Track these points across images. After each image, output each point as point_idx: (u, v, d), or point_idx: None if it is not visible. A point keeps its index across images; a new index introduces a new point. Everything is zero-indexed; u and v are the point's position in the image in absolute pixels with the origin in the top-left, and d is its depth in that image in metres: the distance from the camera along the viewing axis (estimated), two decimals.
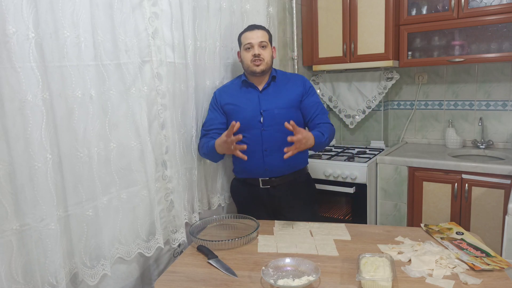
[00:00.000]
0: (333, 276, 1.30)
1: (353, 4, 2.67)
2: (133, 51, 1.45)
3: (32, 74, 1.12)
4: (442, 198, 2.42)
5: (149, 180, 1.55)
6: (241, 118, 1.79)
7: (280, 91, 1.89)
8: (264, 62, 1.83)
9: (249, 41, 1.82)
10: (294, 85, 1.91)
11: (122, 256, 1.48)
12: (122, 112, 1.44)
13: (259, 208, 1.92)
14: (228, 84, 1.97)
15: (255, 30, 1.84)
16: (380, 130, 3.03)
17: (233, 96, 1.90)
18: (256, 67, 1.82)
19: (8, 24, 1.06)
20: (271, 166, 1.86)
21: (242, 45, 1.86)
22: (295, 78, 1.96)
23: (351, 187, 2.50)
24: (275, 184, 1.89)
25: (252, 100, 1.87)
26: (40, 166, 1.14)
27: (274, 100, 1.86)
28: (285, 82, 1.92)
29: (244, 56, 1.85)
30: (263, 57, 1.82)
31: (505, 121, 2.69)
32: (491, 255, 1.37)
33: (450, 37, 2.61)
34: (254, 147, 1.83)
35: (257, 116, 1.85)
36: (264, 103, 1.86)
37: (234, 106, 1.88)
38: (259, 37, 1.82)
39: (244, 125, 1.80)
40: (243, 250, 1.54)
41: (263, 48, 1.83)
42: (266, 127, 1.84)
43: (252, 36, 1.83)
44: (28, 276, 1.16)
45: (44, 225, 1.16)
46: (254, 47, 1.82)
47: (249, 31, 1.85)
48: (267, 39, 1.85)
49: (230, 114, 1.88)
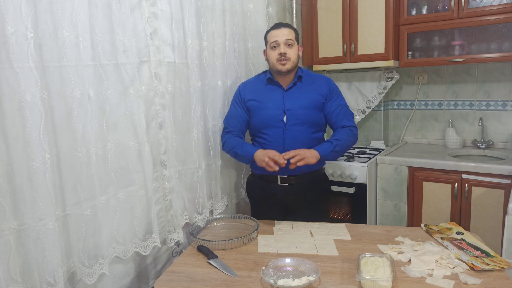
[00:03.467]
0: (333, 276, 1.30)
1: (353, 4, 2.67)
2: (131, 51, 1.45)
3: (31, 74, 1.12)
4: (442, 198, 2.41)
5: (147, 180, 1.55)
6: (263, 115, 1.85)
7: (304, 92, 1.87)
8: (290, 61, 1.81)
9: (275, 39, 1.81)
10: (319, 86, 1.88)
11: (119, 255, 1.48)
12: (120, 112, 1.44)
13: (273, 205, 1.91)
14: (252, 80, 1.97)
15: (281, 28, 1.82)
16: (380, 130, 3.03)
17: (257, 92, 1.89)
18: (281, 66, 1.81)
19: (7, 24, 1.05)
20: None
21: (268, 44, 1.85)
22: (320, 79, 1.93)
23: (351, 187, 2.50)
24: (293, 182, 1.89)
25: (276, 98, 1.86)
26: (38, 166, 1.14)
27: (298, 100, 1.85)
28: (310, 82, 1.90)
29: (270, 55, 1.84)
30: (289, 56, 1.80)
31: (505, 121, 2.68)
32: (491, 255, 1.37)
33: (450, 37, 2.61)
34: (276, 145, 1.83)
35: (280, 115, 1.84)
36: (288, 102, 1.85)
37: (257, 103, 1.88)
38: (285, 35, 1.80)
39: (267, 123, 1.85)
40: (243, 250, 1.54)
41: (289, 47, 1.81)
42: (288, 126, 1.83)
43: (278, 34, 1.81)
44: (26, 275, 1.16)
45: (42, 225, 1.16)
46: (280, 45, 1.80)
47: (275, 29, 1.83)
48: (293, 37, 1.83)
49: (253, 110, 1.88)
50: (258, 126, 1.88)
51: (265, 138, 1.86)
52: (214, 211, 1.98)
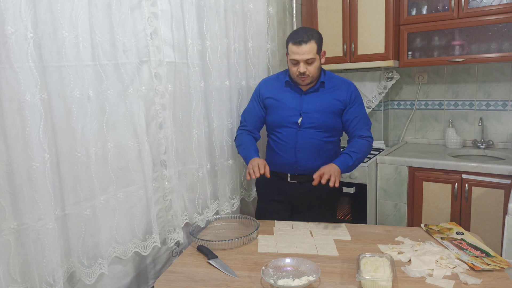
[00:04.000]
0: (333, 276, 1.30)
1: (353, 4, 2.67)
2: (131, 51, 1.45)
3: (31, 74, 1.12)
4: (442, 198, 2.41)
5: (147, 180, 1.55)
6: (279, 115, 1.86)
7: (323, 97, 1.84)
8: (310, 77, 1.78)
9: (295, 57, 1.73)
10: (340, 94, 1.84)
11: (119, 255, 1.48)
12: (120, 112, 1.44)
13: (281, 202, 1.91)
14: (273, 77, 1.97)
15: (302, 46, 1.70)
16: (380, 130, 3.03)
17: (276, 91, 1.90)
18: (301, 81, 1.79)
19: (7, 24, 1.05)
20: (302, 163, 1.85)
21: (288, 56, 1.78)
22: (343, 85, 1.87)
23: (351, 187, 2.50)
24: (303, 181, 1.88)
25: (294, 99, 1.85)
26: (38, 166, 1.14)
27: (315, 103, 1.83)
28: (332, 88, 1.85)
29: (290, 68, 1.80)
30: (309, 73, 1.75)
31: (505, 121, 2.68)
32: (491, 255, 1.37)
33: (450, 37, 2.60)
34: (288, 144, 1.85)
35: (296, 116, 1.83)
36: (306, 105, 1.83)
37: (275, 101, 1.88)
38: (305, 54, 1.71)
39: (281, 123, 1.85)
40: (243, 250, 1.54)
41: (310, 64, 1.74)
42: (302, 128, 1.83)
43: (298, 52, 1.71)
44: (26, 275, 1.16)
45: (42, 225, 1.16)
46: (299, 64, 1.74)
47: (296, 44, 1.72)
48: (315, 52, 1.73)
49: (270, 108, 1.89)
50: (273, 124, 1.90)
51: (278, 137, 1.88)
52: (221, 212, 1.97)
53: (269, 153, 1.97)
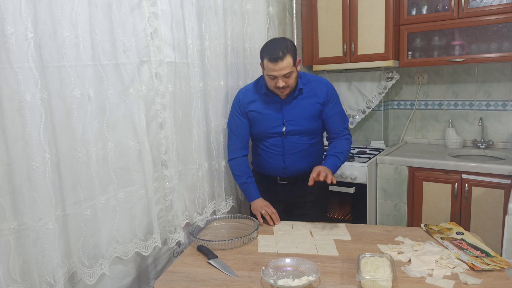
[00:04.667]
0: (333, 276, 1.30)
1: (353, 4, 2.67)
2: (131, 51, 1.45)
3: (31, 74, 1.12)
4: (442, 198, 2.41)
5: (147, 180, 1.54)
6: (264, 126, 1.88)
7: (303, 103, 1.85)
8: (289, 89, 1.78)
9: (272, 73, 1.71)
10: (318, 96, 1.86)
11: (120, 256, 1.48)
12: (120, 112, 1.44)
13: (272, 202, 1.92)
14: (251, 86, 1.93)
15: (279, 62, 1.67)
16: (380, 130, 3.03)
17: (257, 102, 1.88)
18: (280, 93, 1.80)
19: (7, 24, 1.05)
20: (291, 168, 1.90)
21: (265, 71, 1.76)
22: (320, 86, 1.88)
23: (351, 187, 2.50)
24: (292, 181, 1.94)
25: (276, 109, 1.86)
26: (38, 166, 1.14)
27: (297, 111, 1.84)
28: (310, 93, 1.86)
29: (267, 80, 1.78)
30: (288, 85, 1.75)
31: (505, 121, 2.68)
32: (491, 255, 1.37)
33: (450, 37, 2.61)
34: (275, 151, 1.89)
35: (279, 126, 1.85)
36: (287, 113, 1.85)
37: (257, 114, 1.88)
38: (282, 69, 1.69)
39: (266, 134, 1.88)
40: (243, 250, 1.54)
41: (288, 77, 1.73)
42: (288, 136, 1.86)
43: (275, 68, 1.69)
44: (26, 275, 1.16)
45: (42, 225, 1.16)
46: (278, 79, 1.72)
47: (272, 62, 1.68)
48: (291, 66, 1.71)
49: (253, 121, 1.90)
50: (258, 136, 1.92)
51: (265, 145, 1.91)
52: (218, 211, 1.98)
53: (257, 158, 1.98)
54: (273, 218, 1.78)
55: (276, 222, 1.78)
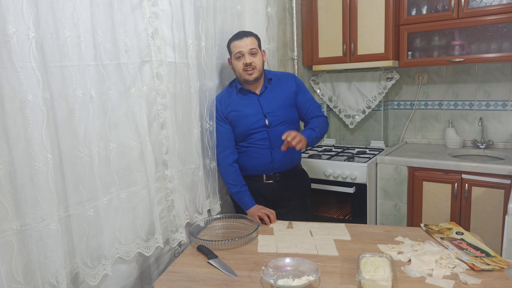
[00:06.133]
0: (333, 276, 1.30)
1: (353, 4, 2.67)
2: (132, 51, 1.45)
3: (33, 74, 1.12)
4: (442, 198, 2.42)
5: (149, 180, 1.55)
6: (246, 124, 1.89)
7: (277, 92, 1.93)
8: (257, 70, 1.84)
9: (239, 49, 1.82)
10: (287, 84, 1.96)
11: (122, 256, 1.48)
12: (122, 112, 1.44)
13: (260, 201, 1.94)
14: (224, 93, 1.97)
15: (243, 38, 1.82)
16: (380, 130, 3.03)
17: (234, 103, 1.91)
18: (248, 75, 1.83)
19: (9, 24, 1.05)
20: (278, 162, 1.93)
21: (233, 54, 1.86)
22: (286, 77, 1.99)
23: (351, 187, 2.51)
24: (278, 179, 1.96)
25: (253, 104, 1.90)
26: (40, 166, 1.14)
27: (273, 101, 1.91)
28: (279, 83, 1.96)
29: (236, 65, 1.86)
30: (255, 64, 1.83)
31: (505, 121, 2.69)
32: (491, 255, 1.38)
33: (450, 37, 2.61)
34: (262, 145, 1.91)
35: (262, 120, 1.89)
36: (266, 106, 1.90)
37: (237, 113, 1.90)
38: (248, 45, 1.81)
39: (250, 130, 1.89)
40: (243, 250, 1.55)
41: (254, 56, 1.83)
42: (271, 127, 1.89)
43: (241, 44, 1.81)
44: (28, 276, 1.16)
45: (44, 225, 1.16)
46: (244, 55, 1.81)
47: (238, 39, 1.83)
48: (256, 45, 1.85)
49: (235, 121, 1.90)
50: (243, 134, 1.92)
51: (251, 142, 1.91)
52: (212, 211, 1.98)
53: (242, 159, 1.97)
54: (270, 218, 1.80)
55: (273, 221, 1.80)
